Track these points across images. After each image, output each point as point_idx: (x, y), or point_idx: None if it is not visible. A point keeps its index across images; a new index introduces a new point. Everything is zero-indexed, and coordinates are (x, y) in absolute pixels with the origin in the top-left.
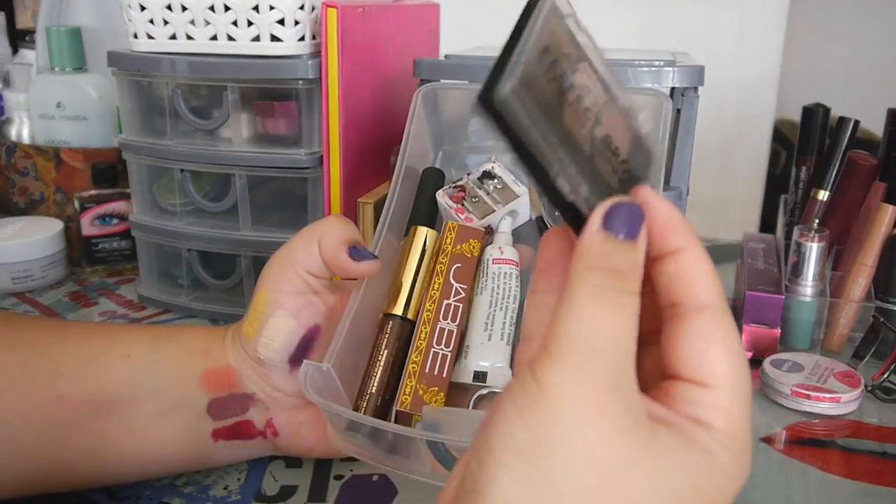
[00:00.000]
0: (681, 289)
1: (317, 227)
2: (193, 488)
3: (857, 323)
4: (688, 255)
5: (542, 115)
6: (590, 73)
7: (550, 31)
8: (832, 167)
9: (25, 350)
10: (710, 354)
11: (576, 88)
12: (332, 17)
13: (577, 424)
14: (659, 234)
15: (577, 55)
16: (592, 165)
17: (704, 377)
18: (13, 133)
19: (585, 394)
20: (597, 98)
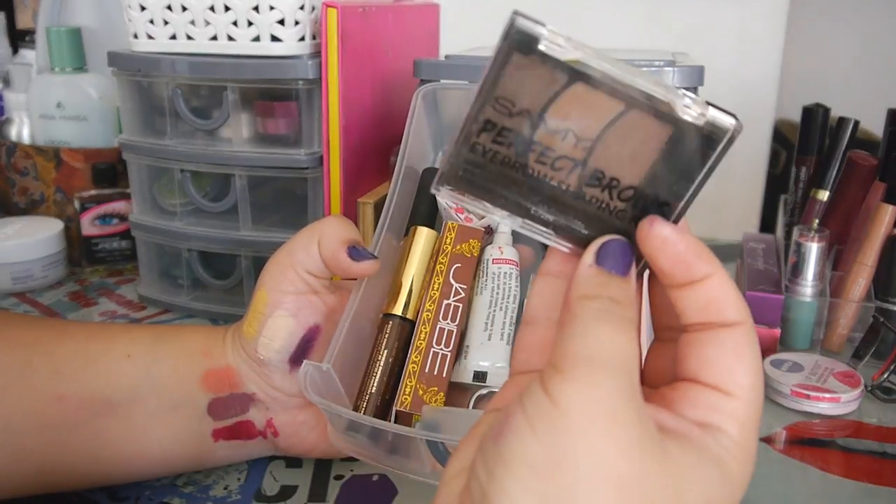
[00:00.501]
0: (713, 311)
1: (316, 228)
2: (193, 488)
3: (857, 323)
4: (715, 280)
5: (488, 189)
6: (582, 96)
7: (508, 87)
8: (832, 167)
9: (25, 350)
10: (738, 366)
11: (538, 140)
12: (332, 17)
13: (595, 438)
14: (683, 268)
15: (554, 87)
16: (575, 210)
17: (729, 386)
18: (13, 133)
19: (600, 406)
20: (585, 127)
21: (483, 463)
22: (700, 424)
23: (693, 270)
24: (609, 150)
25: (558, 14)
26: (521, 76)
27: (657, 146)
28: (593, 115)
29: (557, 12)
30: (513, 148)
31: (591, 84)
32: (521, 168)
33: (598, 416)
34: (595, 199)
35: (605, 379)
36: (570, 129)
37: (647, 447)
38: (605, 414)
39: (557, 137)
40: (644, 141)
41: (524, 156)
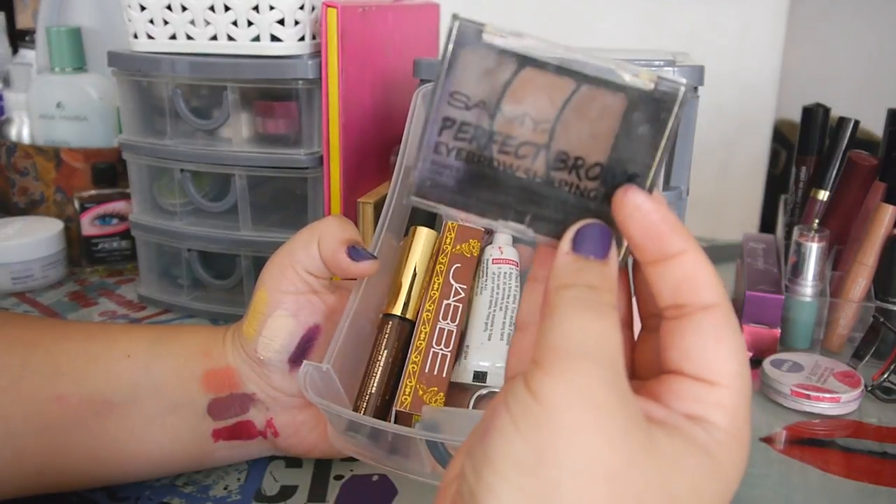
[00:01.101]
0: (687, 290)
1: (316, 227)
2: (193, 488)
3: (857, 323)
4: (690, 257)
5: (460, 191)
6: (533, 80)
7: (461, 82)
8: (832, 167)
9: (25, 350)
10: (718, 353)
11: (498, 130)
12: (332, 17)
13: (578, 430)
14: (656, 240)
15: (504, 75)
16: (547, 197)
17: (712, 375)
18: (13, 133)
19: (582, 397)
20: (541, 111)
21: (471, 464)
22: (688, 416)
23: (666, 243)
24: (569, 130)
25: (558, 14)
26: (471, 70)
27: (615, 119)
28: (547, 96)
29: (558, 12)
30: (475, 142)
31: (538, 67)
32: (487, 162)
33: (580, 409)
34: (564, 182)
35: (586, 369)
36: (526, 113)
37: (633, 436)
38: (587, 405)
39: (516, 124)
40: (601, 116)
41: (487, 148)
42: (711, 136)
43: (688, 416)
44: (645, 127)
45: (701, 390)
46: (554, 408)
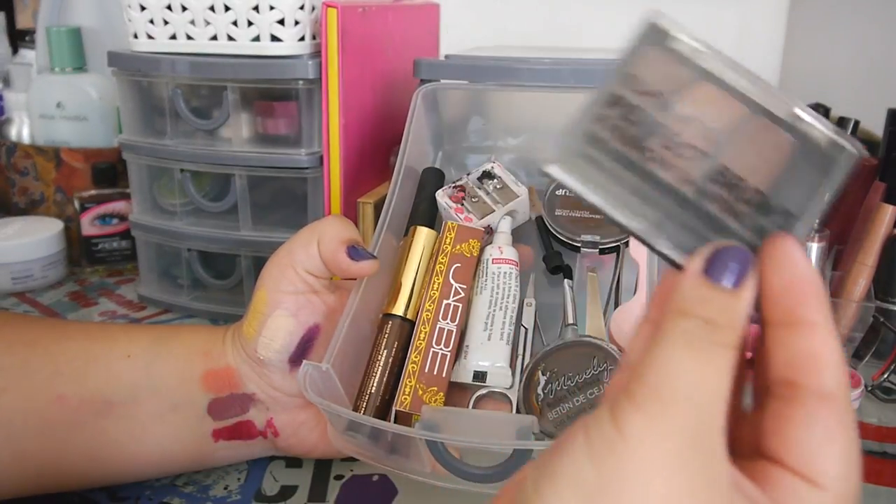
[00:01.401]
0: (807, 369)
1: (316, 227)
2: (193, 488)
3: (857, 323)
4: (820, 332)
5: (604, 173)
6: (710, 94)
7: (640, 72)
8: None
9: (25, 350)
10: (828, 453)
11: (668, 124)
12: (332, 17)
13: (651, 477)
14: (794, 300)
15: (683, 80)
16: (693, 206)
17: (816, 476)
18: (13, 133)
19: (666, 447)
20: (713, 121)
21: (534, 475)
22: None
23: (803, 307)
24: (737, 148)
25: (559, 14)
26: (652, 65)
27: (784, 156)
28: (720, 113)
29: (558, 12)
30: (638, 127)
31: (719, 85)
32: (643, 150)
33: (660, 456)
34: (716, 196)
35: (676, 418)
36: (698, 117)
37: (710, 499)
38: (667, 455)
39: (685, 123)
40: (771, 147)
41: (649, 137)
42: None
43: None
44: (813, 174)
45: (800, 487)
46: (634, 444)
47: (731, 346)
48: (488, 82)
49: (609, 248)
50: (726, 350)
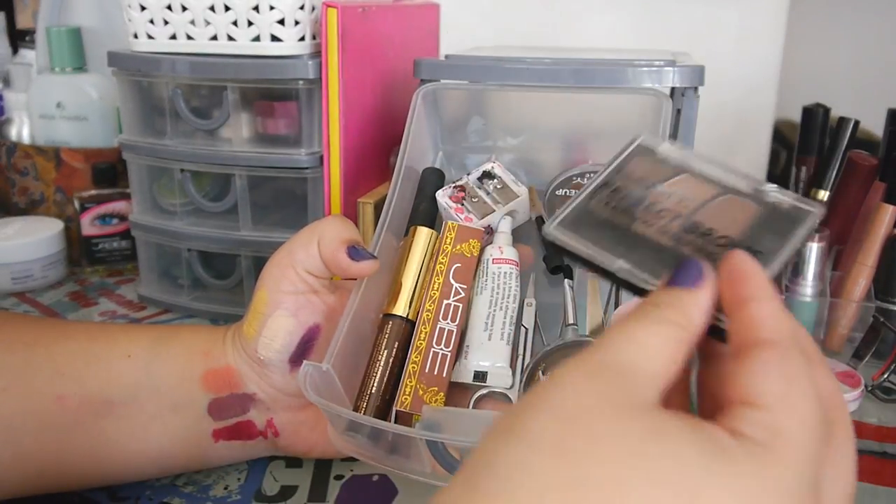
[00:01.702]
0: (750, 329)
1: (316, 227)
2: (194, 488)
3: (857, 323)
4: (761, 302)
5: (595, 229)
6: (687, 181)
7: (629, 169)
8: (832, 167)
9: (26, 350)
10: (767, 378)
11: (649, 198)
12: (332, 17)
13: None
14: (735, 285)
15: (665, 174)
16: (669, 251)
17: (756, 398)
18: (13, 133)
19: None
20: (688, 197)
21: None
22: (727, 431)
23: (745, 288)
24: (709, 212)
25: (559, 14)
26: (640, 166)
27: (752, 216)
28: (696, 192)
29: (558, 12)
30: (626, 200)
31: (694, 175)
32: (629, 212)
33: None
34: (690, 242)
35: (643, 382)
36: (677, 193)
37: (691, 463)
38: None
39: (665, 197)
40: (740, 211)
41: (635, 206)
42: (711, 136)
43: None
44: (782, 225)
45: (745, 411)
46: (560, 382)
47: (676, 322)
48: (488, 82)
49: None
50: (670, 325)
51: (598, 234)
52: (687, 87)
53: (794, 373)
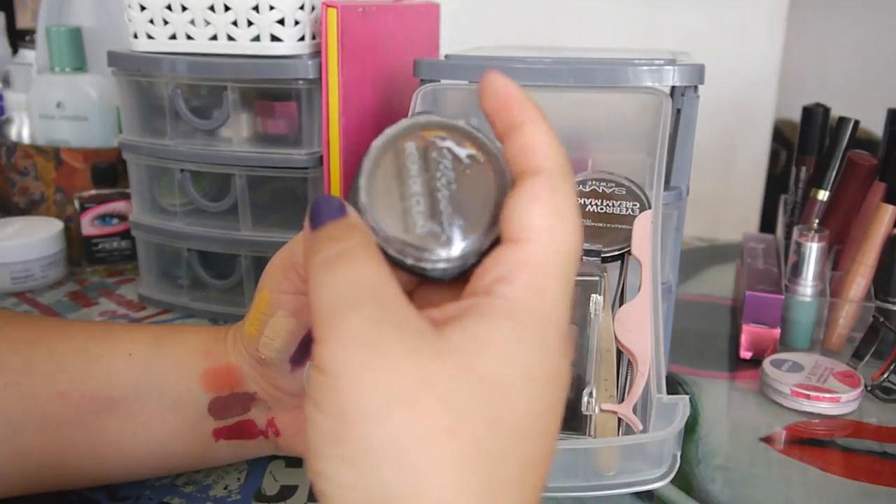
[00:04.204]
0: (523, 157)
1: None
2: (194, 488)
3: (857, 323)
4: (529, 127)
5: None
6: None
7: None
8: (832, 167)
9: (27, 349)
10: (531, 211)
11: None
12: (332, 17)
13: (360, 378)
14: (502, 112)
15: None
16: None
17: (518, 233)
18: (13, 133)
19: (355, 347)
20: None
21: (310, 469)
22: (487, 290)
23: (511, 115)
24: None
25: (559, 13)
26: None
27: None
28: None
29: (558, 12)
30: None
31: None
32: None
33: (354, 358)
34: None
35: (347, 320)
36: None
37: (416, 349)
38: (361, 351)
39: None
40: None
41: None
42: (712, 136)
43: (486, 291)
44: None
45: (507, 251)
46: (334, 370)
47: (361, 244)
48: None
49: (612, 256)
50: (357, 248)
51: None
52: (687, 86)
53: (562, 205)
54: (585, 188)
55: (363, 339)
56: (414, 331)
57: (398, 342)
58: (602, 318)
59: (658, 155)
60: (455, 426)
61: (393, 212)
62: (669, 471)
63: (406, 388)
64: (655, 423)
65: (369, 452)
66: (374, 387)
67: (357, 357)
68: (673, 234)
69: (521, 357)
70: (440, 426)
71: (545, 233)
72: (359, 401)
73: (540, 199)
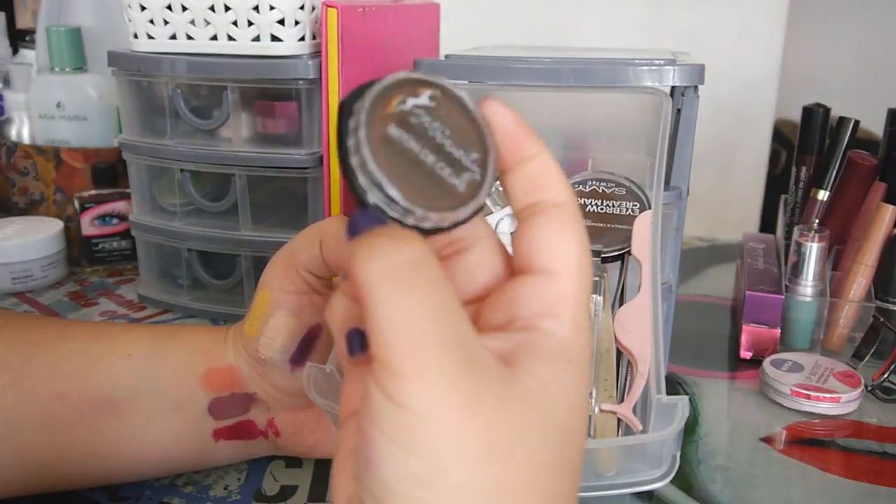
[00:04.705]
0: (536, 189)
1: (318, 227)
2: (194, 488)
3: (857, 323)
4: (539, 159)
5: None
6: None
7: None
8: (832, 167)
9: (27, 349)
10: (561, 243)
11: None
12: (332, 17)
13: (457, 425)
14: (513, 143)
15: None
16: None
17: (552, 264)
18: (13, 133)
19: (449, 391)
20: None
21: (369, 495)
22: (531, 324)
23: (519, 148)
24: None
25: (559, 14)
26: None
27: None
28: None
29: (559, 12)
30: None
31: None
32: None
33: (454, 403)
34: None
35: (441, 358)
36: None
37: (505, 400)
38: (459, 396)
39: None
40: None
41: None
42: (711, 136)
43: (531, 324)
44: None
45: (544, 284)
46: (427, 411)
47: (425, 260)
48: (488, 82)
49: (612, 256)
50: (419, 270)
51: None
52: (687, 85)
53: (582, 239)
54: (585, 188)
55: (458, 383)
56: (496, 375)
57: (488, 389)
58: (602, 319)
59: (658, 155)
60: (538, 482)
61: (432, 192)
62: (669, 471)
63: (502, 440)
64: (655, 423)
65: (460, 501)
66: (474, 437)
67: (454, 403)
68: (673, 234)
69: (579, 401)
70: (528, 482)
71: (575, 265)
72: (458, 449)
73: (566, 231)
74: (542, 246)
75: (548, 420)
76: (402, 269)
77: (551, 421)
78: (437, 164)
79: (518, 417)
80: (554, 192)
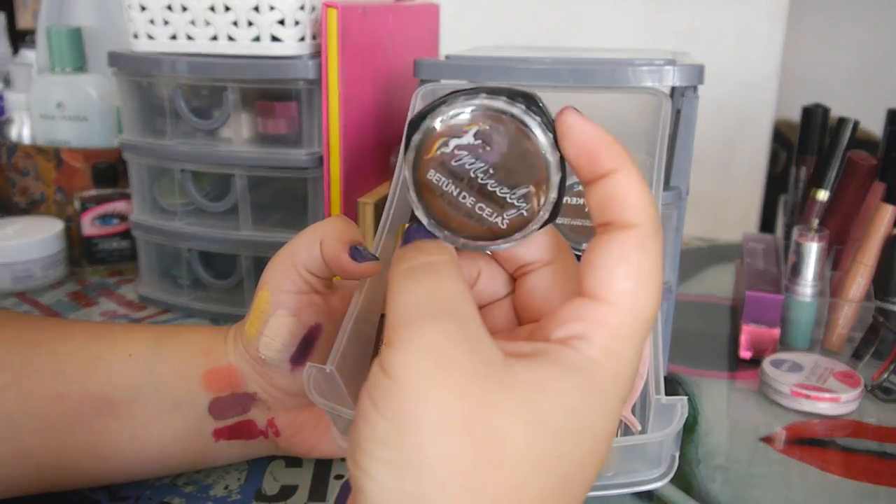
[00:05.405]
0: (611, 209)
1: (319, 228)
2: (194, 488)
3: (857, 323)
4: (619, 176)
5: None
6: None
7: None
8: (832, 167)
9: (27, 349)
10: (616, 271)
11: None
12: (332, 17)
13: (426, 390)
14: (588, 157)
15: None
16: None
17: (601, 291)
18: (14, 133)
19: (425, 359)
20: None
21: (350, 456)
22: (561, 340)
23: (598, 162)
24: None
25: (559, 14)
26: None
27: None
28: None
29: (559, 12)
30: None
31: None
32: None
33: (424, 369)
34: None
35: (426, 329)
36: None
37: (483, 375)
38: (430, 363)
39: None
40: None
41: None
42: (711, 136)
43: (561, 341)
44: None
45: (585, 307)
46: (403, 378)
47: (446, 260)
48: (488, 82)
49: None
50: (442, 264)
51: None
52: (687, 86)
53: (649, 266)
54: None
55: (436, 353)
56: (486, 356)
57: (469, 363)
58: None
59: (658, 155)
60: (503, 464)
61: (473, 227)
62: (668, 471)
63: (467, 413)
64: (654, 423)
65: (418, 465)
66: (438, 403)
67: (427, 369)
68: (673, 234)
69: (582, 411)
70: (490, 461)
71: (627, 296)
72: (421, 413)
73: (628, 259)
74: (598, 271)
75: (527, 408)
76: (417, 266)
77: (531, 411)
78: (476, 206)
79: (489, 395)
80: (629, 214)
